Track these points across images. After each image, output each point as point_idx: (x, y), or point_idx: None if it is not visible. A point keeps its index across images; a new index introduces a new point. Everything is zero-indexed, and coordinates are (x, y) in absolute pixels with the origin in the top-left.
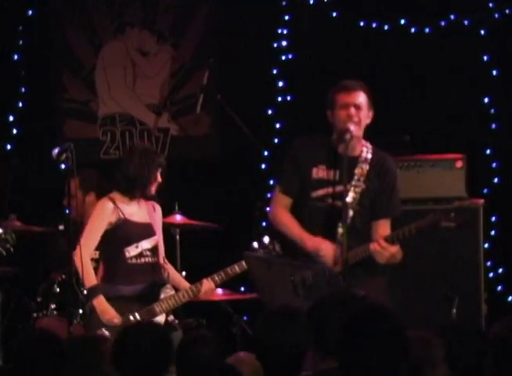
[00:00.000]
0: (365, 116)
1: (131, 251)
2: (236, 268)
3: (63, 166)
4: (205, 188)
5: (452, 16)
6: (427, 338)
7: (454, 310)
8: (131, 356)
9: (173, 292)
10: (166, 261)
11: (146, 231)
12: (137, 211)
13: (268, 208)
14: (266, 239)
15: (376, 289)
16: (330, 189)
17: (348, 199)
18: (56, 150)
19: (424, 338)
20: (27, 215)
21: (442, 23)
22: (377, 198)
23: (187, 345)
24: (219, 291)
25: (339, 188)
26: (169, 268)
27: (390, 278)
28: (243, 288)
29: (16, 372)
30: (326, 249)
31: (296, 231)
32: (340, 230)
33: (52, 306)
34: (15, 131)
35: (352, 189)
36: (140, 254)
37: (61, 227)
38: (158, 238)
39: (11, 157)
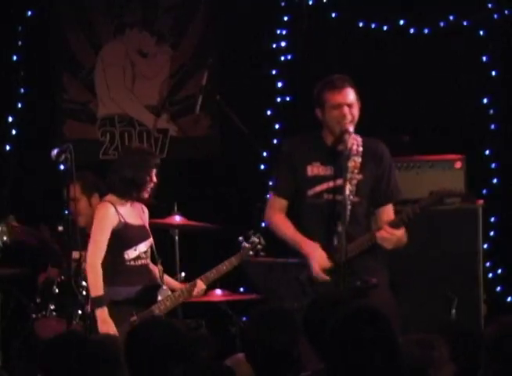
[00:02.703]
0: (357, 110)
1: (131, 253)
2: (227, 264)
3: (62, 167)
4: (205, 188)
5: (451, 17)
6: (428, 339)
7: (454, 310)
8: (144, 351)
9: (170, 293)
10: (160, 261)
11: (142, 234)
12: (132, 213)
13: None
14: (251, 232)
15: (381, 285)
16: (328, 185)
17: (346, 192)
18: (55, 151)
19: (426, 339)
20: (27, 215)
21: (442, 24)
22: (376, 185)
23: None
24: (218, 291)
25: (337, 182)
26: (161, 269)
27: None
28: (242, 289)
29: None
30: (316, 257)
31: (290, 234)
32: (339, 228)
33: (51, 307)
34: (14, 131)
35: (348, 182)
36: (138, 257)
37: (60, 228)
38: (151, 239)
39: (11, 158)
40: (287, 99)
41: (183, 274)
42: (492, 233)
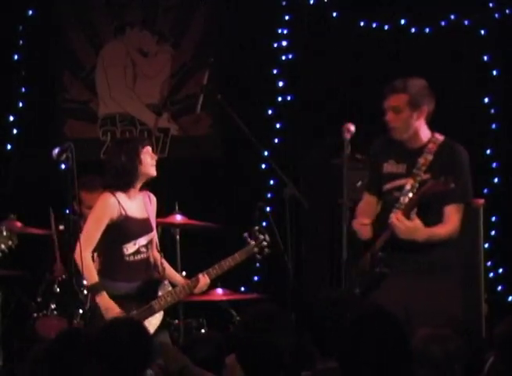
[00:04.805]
0: (409, 116)
1: (130, 248)
2: (231, 261)
3: (63, 166)
4: (205, 188)
5: (452, 16)
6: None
7: None
8: (111, 352)
9: (171, 288)
10: (161, 255)
11: (144, 228)
12: (136, 205)
13: (268, 208)
14: (257, 229)
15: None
16: (399, 182)
17: (407, 187)
18: (56, 150)
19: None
20: (27, 215)
21: (442, 23)
22: None
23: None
24: (219, 290)
25: (402, 181)
26: (164, 262)
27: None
28: (243, 288)
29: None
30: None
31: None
32: (390, 218)
33: (52, 306)
34: (15, 131)
35: (413, 178)
36: (137, 251)
37: (61, 227)
38: (154, 232)
39: (11, 157)
40: (288, 98)
41: (184, 273)
42: (493, 233)
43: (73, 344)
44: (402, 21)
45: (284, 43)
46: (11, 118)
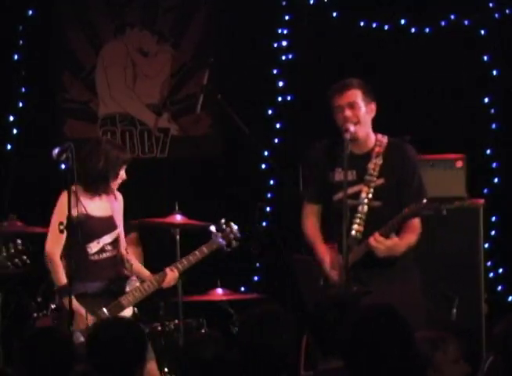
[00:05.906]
0: (365, 112)
1: (93, 247)
2: (198, 254)
3: (63, 166)
4: (205, 188)
5: (452, 16)
6: (436, 338)
7: (454, 310)
8: (106, 351)
9: (138, 284)
10: (128, 251)
11: (107, 225)
12: (98, 204)
13: (268, 208)
14: (223, 222)
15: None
16: (350, 190)
17: (363, 194)
18: (56, 150)
19: (434, 338)
20: (27, 215)
21: (442, 23)
22: (401, 187)
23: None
24: (219, 290)
25: (355, 188)
26: (131, 258)
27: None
28: (243, 288)
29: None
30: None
31: (312, 241)
32: (353, 232)
33: (52, 306)
34: (15, 131)
35: (366, 185)
36: (101, 250)
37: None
38: (119, 230)
39: (11, 157)
40: (288, 98)
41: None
42: (492, 233)
43: (48, 341)
44: (402, 21)
45: (284, 43)
46: (11, 118)
